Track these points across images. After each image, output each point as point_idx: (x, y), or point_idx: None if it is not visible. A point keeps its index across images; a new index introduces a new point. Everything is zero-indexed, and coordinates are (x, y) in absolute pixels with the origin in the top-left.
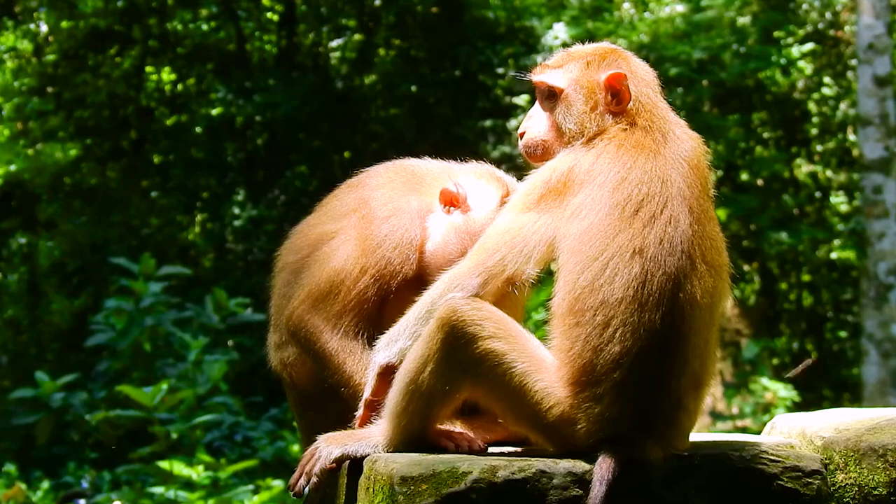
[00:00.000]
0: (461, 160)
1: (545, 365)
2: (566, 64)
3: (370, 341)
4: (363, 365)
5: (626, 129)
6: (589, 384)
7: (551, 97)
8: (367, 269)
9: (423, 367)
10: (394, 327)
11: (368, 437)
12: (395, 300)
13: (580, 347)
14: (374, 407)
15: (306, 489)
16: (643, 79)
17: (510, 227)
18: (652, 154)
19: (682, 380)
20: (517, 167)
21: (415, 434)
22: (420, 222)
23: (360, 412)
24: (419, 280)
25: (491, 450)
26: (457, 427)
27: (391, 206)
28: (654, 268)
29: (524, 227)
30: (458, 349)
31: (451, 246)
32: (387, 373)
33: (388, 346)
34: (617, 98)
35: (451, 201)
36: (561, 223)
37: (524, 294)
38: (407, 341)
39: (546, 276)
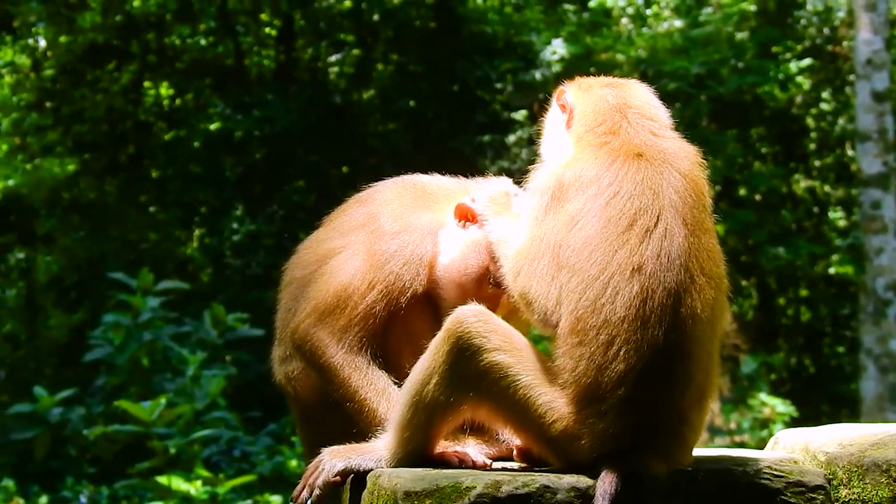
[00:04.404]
0: (466, 176)
1: (549, 379)
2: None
3: (376, 357)
4: (368, 380)
5: (608, 142)
6: (593, 401)
7: None
8: (375, 285)
9: (428, 378)
10: None
11: (372, 451)
12: (405, 316)
13: (584, 366)
14: None
15: (308, 501)
16: (596, 92)
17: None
18: (642, 166)
19: (686, 394)
20: (517, 184)
21: (418, 448)
22: (431, 238)
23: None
24: (429, 296)
25: (495, 465)
26: (463, 443)
27: (401, 222)
28: (653, 284)
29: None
30: (463, 361)
31: (471, 260)
32: None
33: None
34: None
35: (466, 216)
36: (563, 232)
37: None
38: None
39: None
